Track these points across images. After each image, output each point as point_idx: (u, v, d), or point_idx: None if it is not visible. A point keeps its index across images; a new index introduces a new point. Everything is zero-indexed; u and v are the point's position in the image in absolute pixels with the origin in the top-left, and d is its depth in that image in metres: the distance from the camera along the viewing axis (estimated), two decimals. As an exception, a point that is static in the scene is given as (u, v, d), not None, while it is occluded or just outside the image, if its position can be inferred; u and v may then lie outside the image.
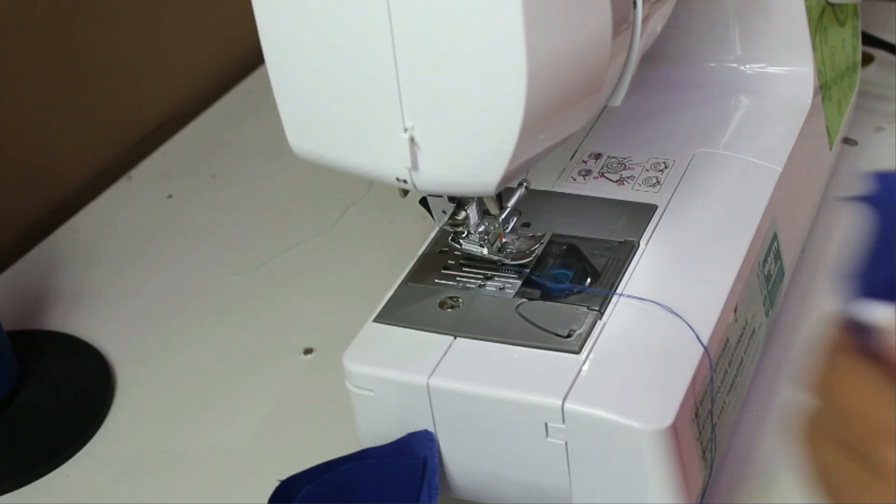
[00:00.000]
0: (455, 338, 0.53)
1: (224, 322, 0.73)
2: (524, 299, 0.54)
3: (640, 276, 0.55)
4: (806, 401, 0.40)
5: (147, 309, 0.75)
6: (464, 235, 0.56)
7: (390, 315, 0.55)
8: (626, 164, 0.63)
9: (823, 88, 0.69)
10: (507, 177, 0.48)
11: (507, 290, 0.55)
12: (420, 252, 0.59)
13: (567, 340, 0.52)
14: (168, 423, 0.66)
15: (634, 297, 0.54)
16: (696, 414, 0.50)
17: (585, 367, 0.50)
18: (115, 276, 0.78)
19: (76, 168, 0.88)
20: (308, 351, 0.69)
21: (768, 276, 0.59)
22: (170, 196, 0.86)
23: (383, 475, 0.54)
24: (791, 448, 0.57)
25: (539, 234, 0.58)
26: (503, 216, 0.55)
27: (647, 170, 0.62)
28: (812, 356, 0.40)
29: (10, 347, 0.67)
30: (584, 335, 0.52)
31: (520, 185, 0.56)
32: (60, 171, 0.87)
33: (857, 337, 0.38)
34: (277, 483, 0.54)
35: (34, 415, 0.67)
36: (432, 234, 0.60)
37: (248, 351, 0.70)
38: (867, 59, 0.82)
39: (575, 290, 0.55)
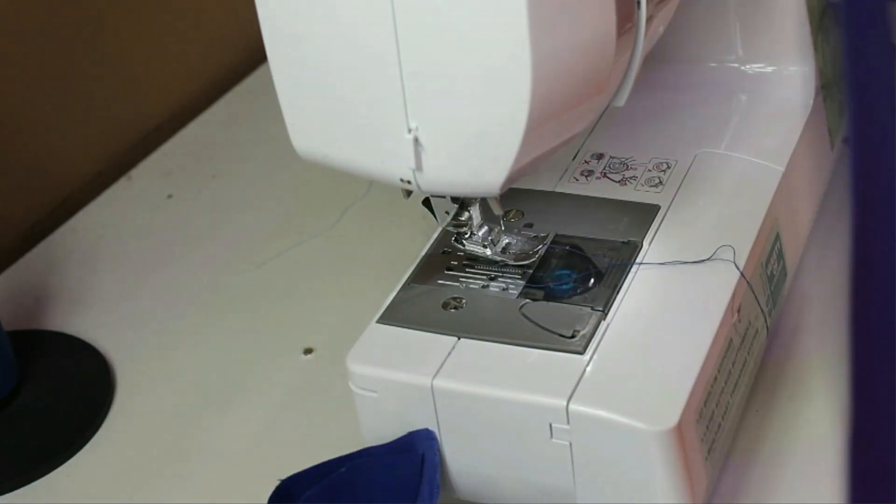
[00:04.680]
0: (459, 339, 0.53)
1: (224, 322, 0.73)
2: (528, 300, 0.54)
3: (643, 276, 0.55)
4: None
5: (147, 309, 0.75)
6: (467, 236, 0.56)
7: (394, 316, 0.55)
8: (629, 164, 0.63)
9: (825, 88, 0.69)
10: (512, 177, 0.48)
11: (510, 291, 0.55)
12: (423, 253, 0.59)
13: (571, 341, 0.52)
14: (168, 423, 0.66)
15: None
16: (701, 414, 0.50)
17: (589, 368, 0.50)
18: (115, 276, 0.78)
19: (76, 168, 0.88)
20: (308, 351, 0.69)
21: (771, 277, 0.59)
22: (170, 196, 0.86)
23: (384, 473, 0.54)
24: (794, 449, 0.57)
25: (542, 234, 0.58)
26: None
27: (650, 170, 0.62)
28: None
29: (10, 347, 0.67)
30: (588, 336, 0.52)
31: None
32: (60, 171, 0.87)
33: None
34: (277, 483, 0.54)
35: (34, 415, 0.67)
36: (435, 235, 0.60)
37: (249, 351, 0.70)
38: (867, 60, 0.82)
39: (579, 291, 0.55)
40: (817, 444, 0.57)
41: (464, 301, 0.55)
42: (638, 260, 0.56)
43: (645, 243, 0.57)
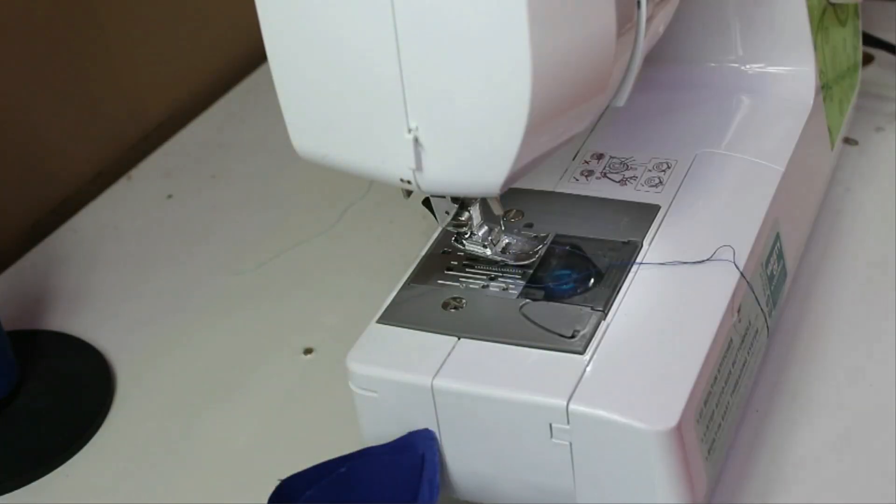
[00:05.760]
0: (459, 339, 0.53)
1: (224, 322, 0.73)
2: (528, 300, 0.54)
3: (643, 276, 0.55)
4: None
5: (147, 309, 0.75)
6: (467, 236, 0.56)
7: (394, 316, 0.55)
8: (629, 164, 0.63)
9: (825, 88, 0.69)
10: (512, 177, 0.48)
11: (510, 291, 0.55)
12: (422, 253, 0.59)
13: (571, 341, 0.52)
14: (168, 422, 0.66)
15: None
16: (701, 414, 0.50)
17: (589, 368, 0.50)
18: (115, 276, 0.78)
19: (76, 168, 0.88)
20: (308, 351, 0.69)
21: (771, 277, 0.59)
22: (170, 196, 0.86)
23: (383, 473, 0.54)
24: (794, 449, 0.57)
25: (542, 234, 0.58)
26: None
27: (650, 170, 0.62)
28: None
29: (10, 347, 0.67)
30: (588, 335, 0.52)
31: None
32: (60, 171, 0.87)
33: None
34: (278, 482, 0.54)
35: (34, 415, 0.67)
36: (435, 235, 0.60)
37: (249, 351, 0.70)
38: (867, 59, 0.82)
39: (579, 291, 0.55)
40: (818, 443, 0.57)
41: (464, 301, 0.55)
42: (638, 260, 0.56)
43: (645, 243, 0.57)
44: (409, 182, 0.49)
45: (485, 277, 0.56)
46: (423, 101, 0.47)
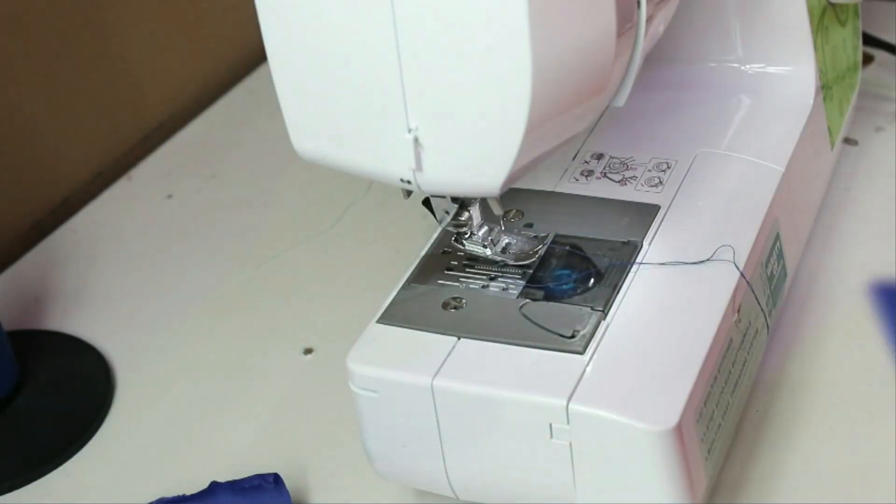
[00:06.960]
0: (459, 339, 0.53)
1: (224, 322, 0.73)
2: (527, 300, 0.54)
3: (643, 276, 0.55)
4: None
5: (147, 309, 0.75)
6: (467, 236, 0.56)
7: (394, 316, 0.55)
8: (629, 164, 0.63)
9: (825, 88, 0.69)
10: (512, 177, 0.48)
11: (510, 291, 0.55)
12: (422, 253, 0.59)
13: (571, 341, 0.52)
14: (168, 423, 0.66)
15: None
16: (701, 414, 0.50)
17: (590, 368, 0.50)
18: (115, 276, 0.78)
19: (76, 168, 0.88)
20: (308, 351, 0.69)
21: (771, 277, 0.59)
22: (170, 196, 0.86)
23: None
24: (794, 449, 0.57)
25: (542, 234, 0.58)
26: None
27: (650, 170, 0.62)
28: None
29: (10, 347, 0.67)
30: (588, 335, 0.52)
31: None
32: (60, 171, 0.87)
33: None
34: None
35: (34, 415, 0.67)
36: (435, 235, 0.60)
37: (249, 351, 0.70)
38: (867, 59, 0.82)
39: (579, 291, 0.55)
40: (818, 444, 0.57)
41: (464, 301, 0.55)
42: (638, 260, 0.56)
43: (645, 243, 0.57)
44: (409, 182, 0.49)
45: (485, 277, 0.56)
46: (423, 101, 0.47)
